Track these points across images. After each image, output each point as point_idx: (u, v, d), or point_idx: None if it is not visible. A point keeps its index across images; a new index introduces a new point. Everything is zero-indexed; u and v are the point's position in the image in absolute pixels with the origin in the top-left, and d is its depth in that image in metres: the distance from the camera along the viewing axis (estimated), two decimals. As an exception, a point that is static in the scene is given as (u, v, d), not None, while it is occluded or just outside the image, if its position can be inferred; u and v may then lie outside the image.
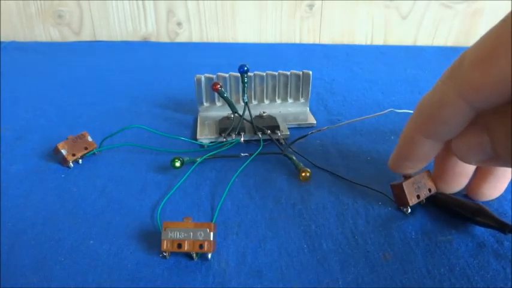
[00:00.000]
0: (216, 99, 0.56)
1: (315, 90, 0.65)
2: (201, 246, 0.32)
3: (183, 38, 0.92)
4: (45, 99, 0.62)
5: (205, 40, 0.92)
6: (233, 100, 0.53)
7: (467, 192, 0.39)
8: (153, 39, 0.92)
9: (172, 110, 0.59)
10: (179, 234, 0.33)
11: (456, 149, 0.31)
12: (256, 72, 0.54)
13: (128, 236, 0.36)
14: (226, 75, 0.54)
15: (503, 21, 0.25)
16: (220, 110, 0.55)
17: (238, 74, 0.51)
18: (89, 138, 0.47)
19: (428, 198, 0.39)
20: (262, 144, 0.48)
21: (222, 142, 0.49)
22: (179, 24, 0.91)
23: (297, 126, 0.54)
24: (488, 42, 0.26)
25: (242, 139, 0.49)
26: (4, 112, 0.58)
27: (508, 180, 0.38)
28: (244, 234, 0.36)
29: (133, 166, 0.45)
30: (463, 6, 0.87)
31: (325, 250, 0.34)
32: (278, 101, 0.57)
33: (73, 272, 0.32)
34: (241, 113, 0.50)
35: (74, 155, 0.45)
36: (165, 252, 0.33)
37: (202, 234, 0.33)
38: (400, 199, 0.38)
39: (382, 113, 0.52)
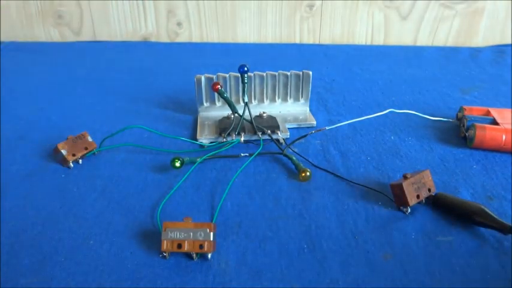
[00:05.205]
0: (216, 99, 0.56)
1: (315, 90, 0.65)
2: (201, 246, 0.32)
3: (183, 38, 0.92)
4: (45, 99, 0.62)
5: (205, 40, 0.92)
6: (233, 100, 0.53)
7: None
8: (153, 39, 0.92)
9: (172, 110, 0.59)
10: (179, 235, 0.33)
11: None
12: (256, 72, 0.54)
13: (127, 236, 0.36)
14: (226, 75, 0.54)
15: None
16: (220, 110, 0.55)
17: (238, 74, 0.51)
18: (89, 138, 0.47)
19: (428, 198, 0.39)
20: (262, 144, 0.48)
21: (222, 142, 0.49)
22: (179, 24, 0.91)
23: (297, 126, 0.54)
24: None
25: (242, 139, 0.49)
26: (4, 112, 0.58)
27: None
28: (244, 234, 0.36)
29: (133, 166, 0.45)
30: (463, 6, 0.87)
31: (325, 250, 0.34)
32: (278, 101, 0.57)
33: (73, 272, 0.32)
34: (241, 113, 0.50)
35: (74, 155, 0.45)
36: (165, 252, 0.33)
37: (202, 234, 0.33)
38: (400, 199, 0.38)
39: (382, 113, 0.52)
